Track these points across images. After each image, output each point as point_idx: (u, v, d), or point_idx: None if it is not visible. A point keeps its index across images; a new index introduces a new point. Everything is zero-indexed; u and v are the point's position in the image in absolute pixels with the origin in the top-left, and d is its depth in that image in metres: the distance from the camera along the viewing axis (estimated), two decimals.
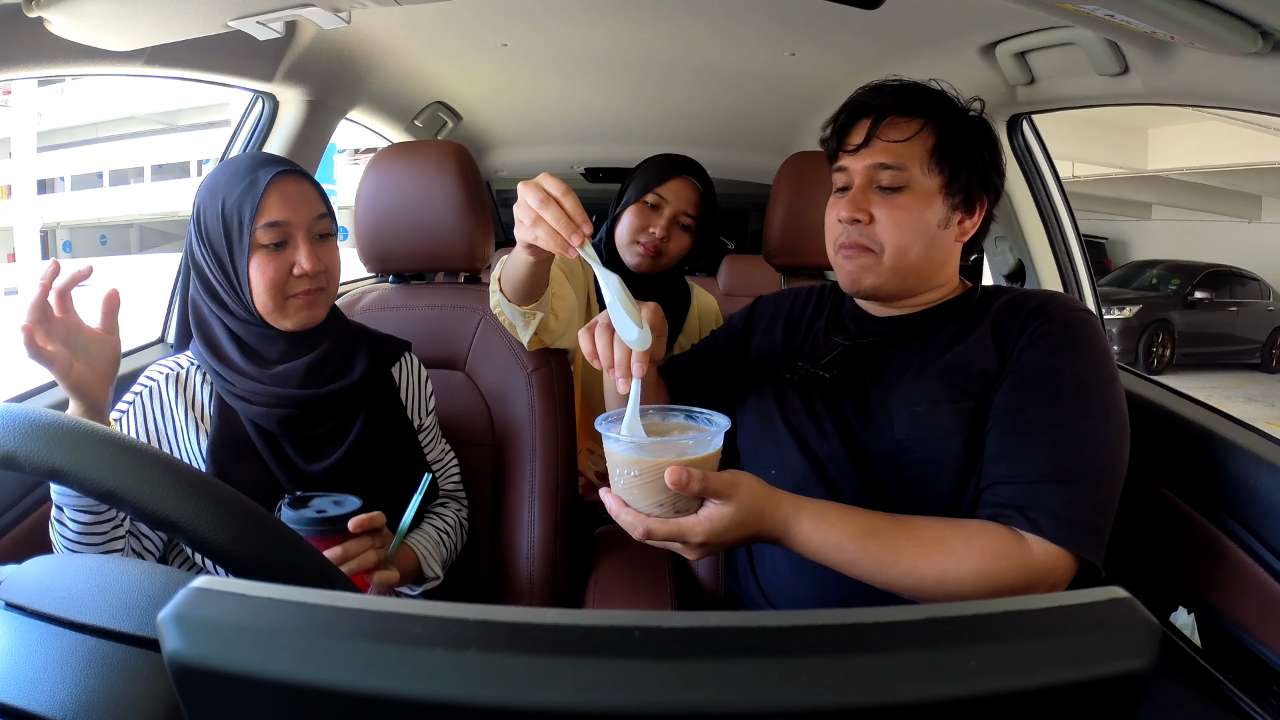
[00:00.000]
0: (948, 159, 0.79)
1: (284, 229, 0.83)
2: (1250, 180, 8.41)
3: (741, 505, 0.63)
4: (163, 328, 1.36)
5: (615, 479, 0.65)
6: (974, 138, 0.80)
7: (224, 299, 0.84)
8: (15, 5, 0.80)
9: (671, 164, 1.30)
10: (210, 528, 0.43)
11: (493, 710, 0.23)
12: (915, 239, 0.79)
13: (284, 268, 0.83)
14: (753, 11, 1.38)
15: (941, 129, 0.79)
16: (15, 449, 0.44)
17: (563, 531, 1.08)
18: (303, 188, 0.85)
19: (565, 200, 0.68)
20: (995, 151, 0.83)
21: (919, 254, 0.80)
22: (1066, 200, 1.52)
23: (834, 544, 0.66)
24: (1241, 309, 7.91)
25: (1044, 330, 0.74)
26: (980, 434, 0.74)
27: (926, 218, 0.79)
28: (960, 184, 0.79)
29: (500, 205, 3.39)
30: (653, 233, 1.26)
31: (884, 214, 0.79)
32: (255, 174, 0.83)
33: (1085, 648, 0.25)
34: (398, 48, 1.54)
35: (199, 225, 0.84)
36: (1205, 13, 0.71)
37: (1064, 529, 0.65)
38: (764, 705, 0.23)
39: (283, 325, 0.84)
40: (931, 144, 0.79)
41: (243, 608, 0.25)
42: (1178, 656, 0.93)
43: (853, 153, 0.82)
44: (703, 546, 0.65)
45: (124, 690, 0.36)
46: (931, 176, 0.79)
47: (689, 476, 0.60)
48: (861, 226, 0.80)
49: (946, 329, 0.81)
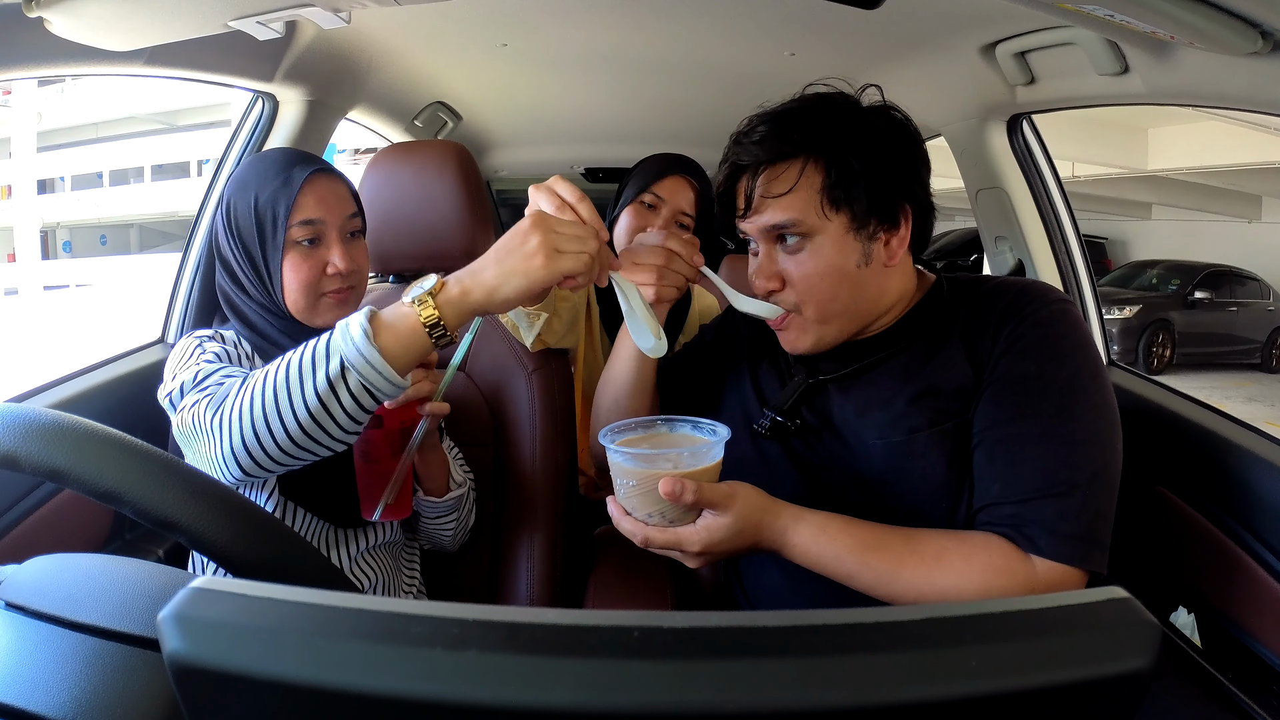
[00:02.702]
0: (842, 193, 0.71)
1: (318, 227, 0.83)
2: (1250, 180, 8.40)
3: (739, 516, 0.63)
4: (163, 327, 1.35)
5: (617, 488, 0.66)
6: (870, 148, 0.71)
7: (251, 293, 0.85)
8: (15, 5, 0.80)
9: (668, 163, 1.29)
10: (210, 528, 0.43)
11: (493, 710, 0.23)
12: (835, 289, 0.73)
13: (318, 266, 0.83)
14: (753, 11, 1.38)
15: (827, 161, 0.71)
16: (15, 449, 0.44)
17: (563, 531, 1.08)
18: (336, 186, 0.86)
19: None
20: (906, 143, 0.74)
21: (845, 300, 0.74)
22: (1066, 200, 1.52)
23: (834, 556, 0.66)
24: (1241, 309, 7.91)
25: (1018, 334, 0.70)
26: (965, 453, 0.70)
27: (839, 263, 0.72)
28: (870, 210, 0.72)
29: (500, 205, 3.40)
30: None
31: (794, 274, 0.73)
32: (289, 171, 0.83)
33: (1085, 648, 0.25)
34: (398, 48, 1.54)
35: (229, 220, 0.84)
36: (1205, 13, 0.71)
37: (1063, 544, 0.64)
38: (764, 705, 0.23)
39: (313, 323, 0.85)
40: (819, 183, 0.71)
41: (243, 608, 0.25)
42: (1178, 656, 0.93)
43: (743, 217, 0.75)
44: (701, 556, 0.65)
45: (124, 690, 0.36)
46: (832, 218, 0.71)
47: (683, 488, 0.60)
48: (777, 295, 0.75)
49: (916, 347, 0.75)
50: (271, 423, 0.63)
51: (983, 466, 0.69)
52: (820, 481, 0.77)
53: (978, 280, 0.80)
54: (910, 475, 0.71)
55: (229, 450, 0.65)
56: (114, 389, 1.10)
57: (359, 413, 0.64)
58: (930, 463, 0.71)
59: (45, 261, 13.69)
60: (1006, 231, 1.54)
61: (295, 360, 0.64)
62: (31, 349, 6.62)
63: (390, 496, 0.78)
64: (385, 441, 0.79)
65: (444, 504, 0.92)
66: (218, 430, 0.66)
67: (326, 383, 0.62)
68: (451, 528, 0.95)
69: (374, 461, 0.80)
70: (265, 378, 0.65)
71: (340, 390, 0.62)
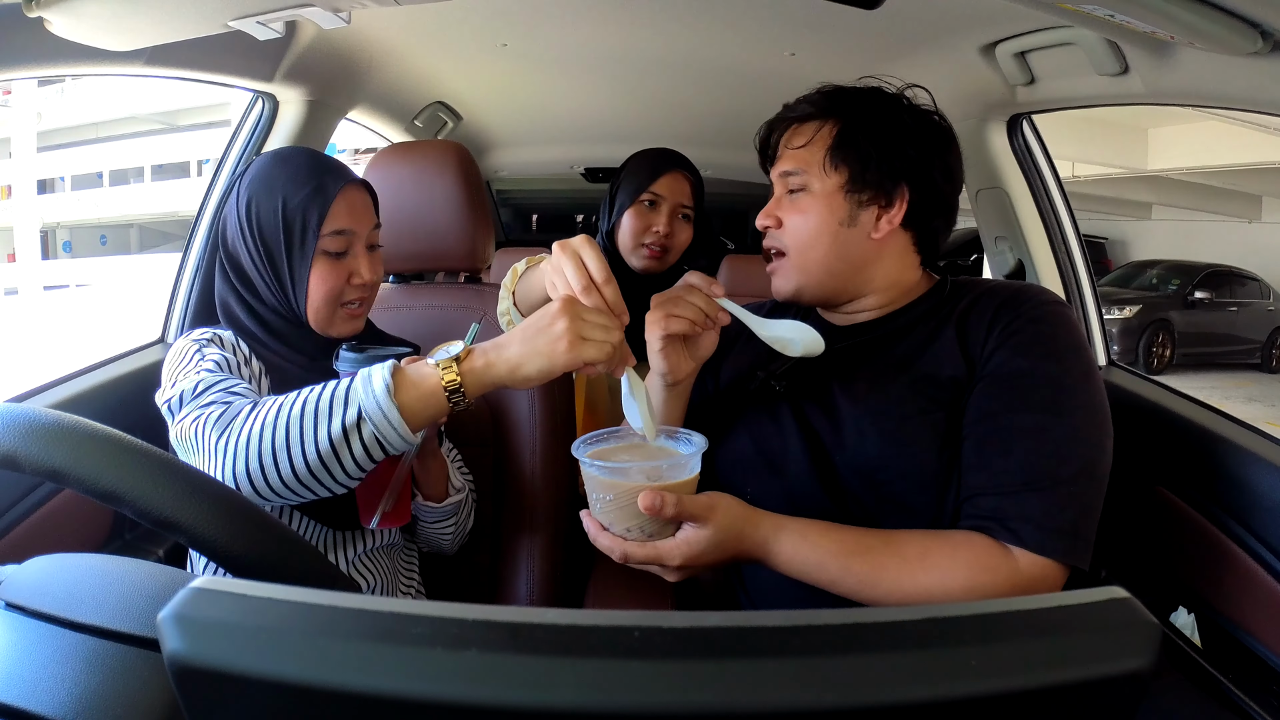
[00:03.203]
0: (847, 155, 0.77)
1: (348, 238, 0.83)
2: (1250, 180, 8.41)
3: (719, 528, 0.63)
4: (163, 327, 1.35)
5: (593, 503, 0.65)
6: (883, 124, 0.78)
7: (264, 296, 0.83)
8: (15, 5, 0.80)
9: (661, 160, 1.29)
10: (210, 528, 0.44)
11: (493, 710, 0.23)
12: (816, 239, 0.78)
13: (343, 277, 0.83)
14: (753, 11, 1.38)
15: (843, 125, 0.78)
16: (15, 449, 0.44)
17: (563, 531, 1.08)
18: (364, 197, 0.86)
19: (608, 290, 0.65)
20: (924, 133, 0.79)
21: (824, 253, 0.79)
22: (1066, 200, 1.52)
23: (816, 563, 0.66)
24: (1241, 309, 7.91)
25: (1012, 329, 0.72)
26: (955, 443, 0.71)
27: (825, 217, 0.78)
28: (868, 178, 0.77)
29: (500, 205, 3.39)
30: (657, 231, 1.26)
31: (787, 218, 0.80)
32: (322, 179, 0.82)
33: (1085, 648, 0.25)
34: (398, 48, 1.54)
35: (250, 218, 0.82)
36: (1205, 13, 0.71)
37: (1046, 538, 0.64)
38: (764, 705, 0.23)
39: (328, 333, 0.85)
40: (830, 143, 0.78)
41: (243, 608, 0.25)
42: (1178, 656, 0.93)
43: (769, 165, 0.84)
44: (681, 569, 0.64)
45: (124, 690, 0.36)
46: (831, 175, 0.78)
47: (663, 501, 0.60)
48: (772, 231, 0.81)
49: (913, 335, 0.78)
50: (279, 458, 0.64)
51: (971, 457, 0.70)
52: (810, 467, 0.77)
53: (977, 280, 0.82)
54: (901, 460, 0.72)
55: (229, 476, 0.65)
56: (114, 389, 1.10)
57: (366, 462, 0.65)
58: (921, 449, 0.71)
59: (45, 261, 13.70)
60: (1006, 231, 1.54)
61: (312, 401, 0.64)
62: (31, 349, 6.62)
63: (388, 504, 0.79)
64: None
65: (443, 509, 0.91)
66: (222, 453, 0.66)
67: (341, 429, 0.63)
68: (450, 532, 0.95)
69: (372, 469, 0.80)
70: (279, 412, 0.65)
71: (353, 439, 0.63)
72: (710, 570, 0.67)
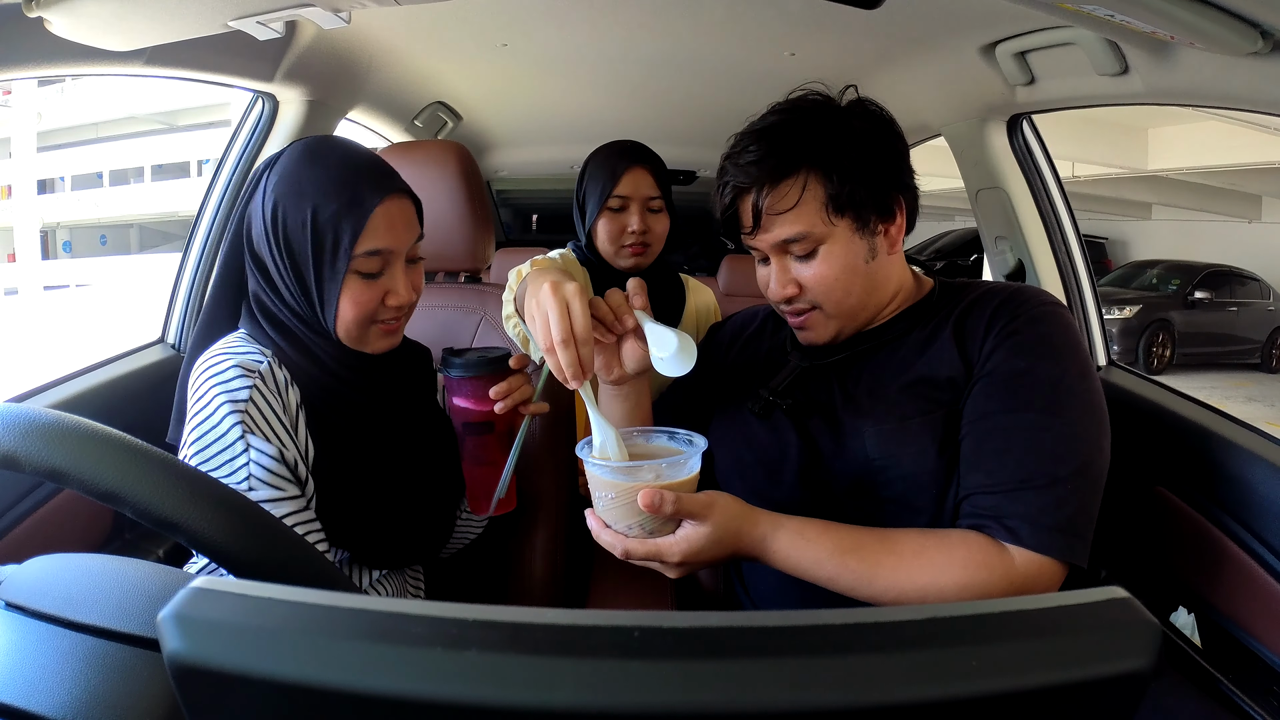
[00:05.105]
0: (843, 199, 0.73)
1: (385, 257, 0.74)
2: (1250, 180, 8.39)
3: (718, 525, 0.64)
4: (163, 327, 1.35)
5: (596, 501, 0.67)
6: (860, 150, 0.74)
7: (293, 307, 0.76)
8: (15, 5, 0.80)
9: (617, 160, 1.26)
10: (210, 528, 0.43)
11: (493, 710, 0.23)
12: (850, 284, 0.76)
13: (377, 297, 0.75)
14: (753, 11, 1.38)
15: (824, 171, 0.73)
16: (15, 449, 0.44)
17: (563, 531, 1.08)
18: (406, 209, 0.77)
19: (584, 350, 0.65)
20: (889, 137, 0.76)
21: (860, 294, 0.77)
22: (1066, 200, 1.52)
23: (813, 560, 0.66)
24: (1241, 309, 7.91)
25: (1010, 329, 0.72)
26: (954, 442, 0.72)
27: (851, 262, 0.75)
28: (870, 208, 0.75)
29: (500, 205, 3.40)
30: (631, 231, 1.25)
31: (808, 279, 0.76)
32: (358, 189, 0.72)
33: (1085, 648, 0.25)
34: (398, 48, 1.54)
35: (276, 226, 0.73)
36: (1205, 13, 0.71)
37: (1043, 535, 0.64)
38: (764, 705, 0.23)
39: (360, 349, 0.78)
40: (822, 194, 0.73)
41: (243, 608, 0.25)
42: (1178, 656, 0.93)
43: (751, 235, 0.77)
44: (680, 566, 0.65)
45: (124, 690, 0.36)
46: (837, 224, 0.74)
47: (662, 499, 0.61)
48: (796, 298, 0.78)
49: (910, 339, 0.78)
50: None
51: (969, 456, 0.70)
52: (808, 475, 0.78)
53: (973, 283, 0.83)
54: (901, 462, 0.72)
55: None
56: (114, 389, 1.10)
57: None
58: (920, 450, 0.72)
59: (45, 261, 13.69)
60: (1006, 231, 1.54)
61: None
62: (31, 349, 6.62)
63: (503, 491, 0.83)
64: (496, 443, 0.83)
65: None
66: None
67: None
68: (479, 532, 0.96)
69: (487, 464, 0.83)
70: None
71: None
72: (710, 569, 0.67)
